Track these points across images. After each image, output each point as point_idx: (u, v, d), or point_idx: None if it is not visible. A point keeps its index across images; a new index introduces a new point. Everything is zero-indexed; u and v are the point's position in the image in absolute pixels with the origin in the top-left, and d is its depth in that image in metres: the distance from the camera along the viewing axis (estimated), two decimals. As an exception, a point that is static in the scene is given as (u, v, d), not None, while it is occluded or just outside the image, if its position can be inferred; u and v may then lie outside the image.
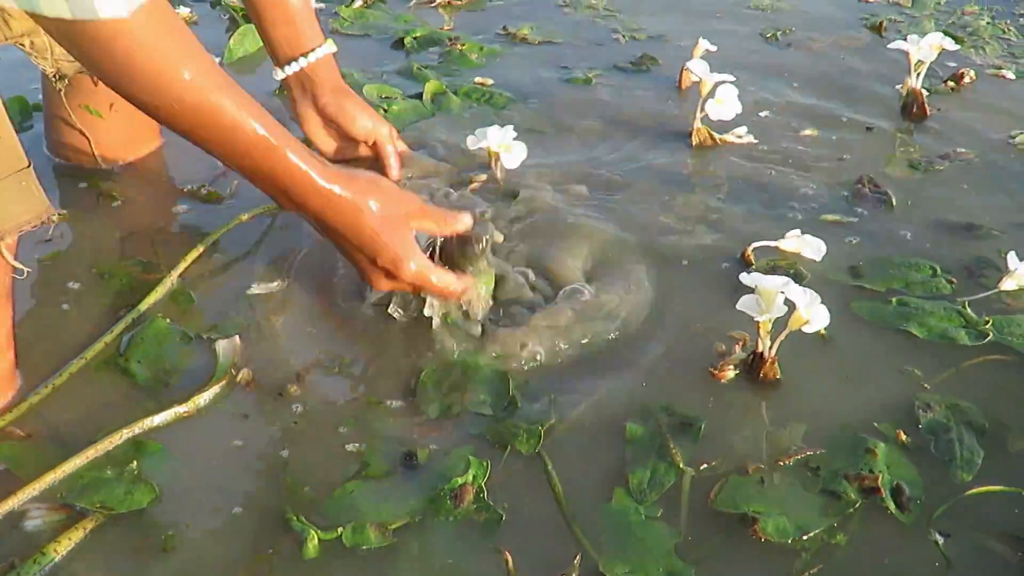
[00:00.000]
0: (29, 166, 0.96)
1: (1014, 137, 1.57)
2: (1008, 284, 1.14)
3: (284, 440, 0.97)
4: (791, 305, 1.00)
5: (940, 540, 0.85)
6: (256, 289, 1.18)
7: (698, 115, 1.53)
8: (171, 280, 1.18)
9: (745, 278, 1.03)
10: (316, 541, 0.84)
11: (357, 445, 0.96)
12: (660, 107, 1.69)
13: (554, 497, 0.91)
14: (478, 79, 1.76)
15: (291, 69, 1.29)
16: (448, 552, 0.85)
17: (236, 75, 1.72)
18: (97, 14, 0.79)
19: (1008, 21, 2.12)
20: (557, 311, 1.11)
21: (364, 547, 0.85)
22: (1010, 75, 1.81)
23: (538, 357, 1.07)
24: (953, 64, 1.82)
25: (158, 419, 0.98)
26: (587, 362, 1.07)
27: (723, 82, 1.51)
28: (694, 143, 1.54)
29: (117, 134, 1.42)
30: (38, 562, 0.83)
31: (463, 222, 1.07)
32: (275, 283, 1.19)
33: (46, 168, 1.44)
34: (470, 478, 0.91)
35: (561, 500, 0.90)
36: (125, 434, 0.96)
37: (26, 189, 0.96)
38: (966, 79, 1.76)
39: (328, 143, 1.36)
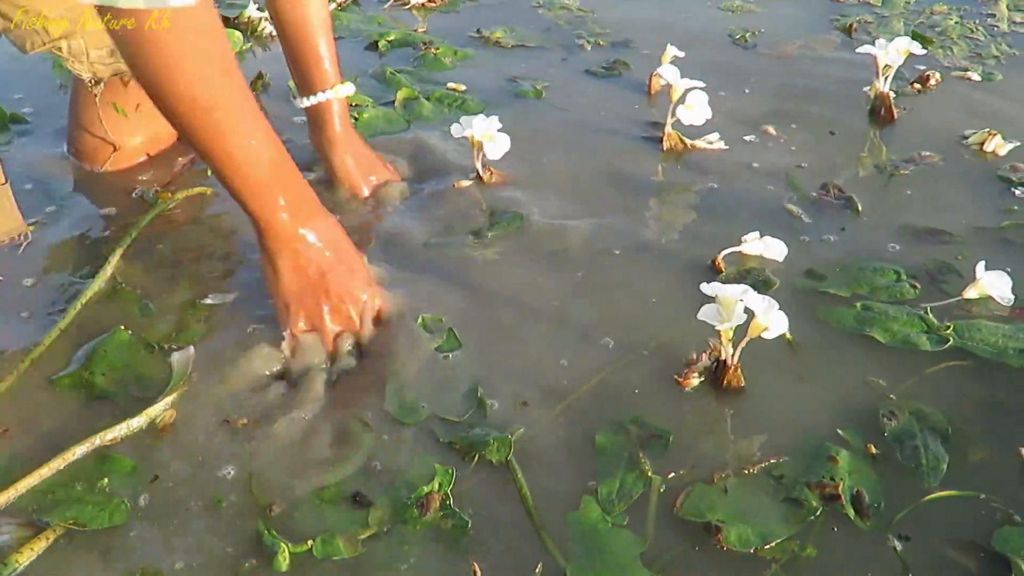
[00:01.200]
0: (6, 183, 0.97)
1: (967, 137, 1.59)
2: (971, 292, 1.16)
3: (251, 455, 0.98)
4: (752, 313, 1.02)
5: (898, 546, 0.87)
6: (211, 299, 1.19)
7: (669, 120, 1.54)
8: (102, 280, 1.20)
9: (705, 288, 1.05)
10: (287, 555, 0.86)
11: (327, 456, 0.97)
12: (631, 112, 1.70)
13: (523, 505, 0.92)
14: (451, 84, 1.76)
15: (305, 103, 1.37)
16: (416, 560, 0.87)
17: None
18: (168, 3, 0.86)
19: (976, 21, 2.14)
20: None
21: (335, 558, 0.86)
22: (976, 77, 1.84)
23: None
24: (923, 67, 1.84)
25: (111, 434, 0.98)
26: (554, 369, 1.09)
27: (693, 88, 1.52)
28: (665, 148, 1.55)
29: (136, 136, 1.47)
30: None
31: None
32: (231, 295, 1.19)
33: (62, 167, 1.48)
34: (436, 486, 0.92)
35: (530, 508, 0.92)
36: (79, 451, 0.96)
37: (1, 207, 0.97)
38: (932, 81, 1.78)
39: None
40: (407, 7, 2.22)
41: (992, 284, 1.16)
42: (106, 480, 0.94)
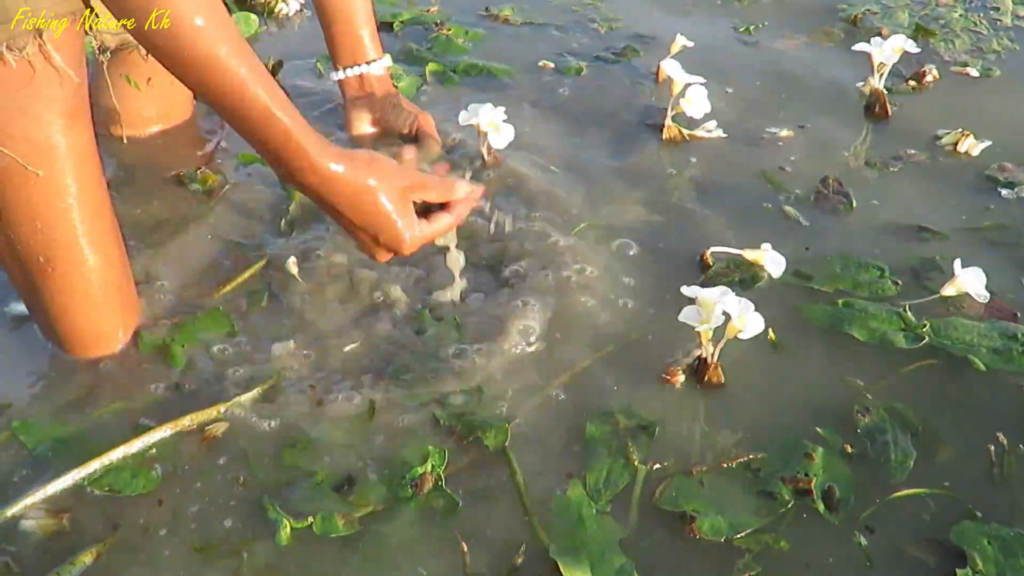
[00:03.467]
0: None
1: (940, 138, 1.62)
2: (948, 290, 1.20)
3: (275, 436, 1.04)
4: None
5: (864, 540, 0.92)
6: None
7: (669, 113, 1.58)
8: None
9: (686, 290, 1.10)
10: (288, 529, 0.92)
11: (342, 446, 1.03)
12: (636, 99, 1.73)
13: (515, 489, 0.98)
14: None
15: (349, 73, 1.41)
16: (409, 536, 0.93)
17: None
18: None
19: (980, 14, 2.16)
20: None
21: (332, 535, 0.92)
22: (974, 72, 1.86)
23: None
24: (924, 62, 1.85)
25: (200, 418, 1.05)
26: (546, 358, 1.14)
27: (693, 83, 1.56)
28: (664, 138, 1.59)
29: (148, 108, 1.53)
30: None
31: (461, 188, 1.08)
32: None
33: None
34: (429, 467, 0.98)
35: (522, 492, 0.97)
36: (164, 431, 1.03)
37: None
38: (928, 78, 1.80)
39: (366, 132, 1.46)
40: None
41: (968, 281, 1.20)
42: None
